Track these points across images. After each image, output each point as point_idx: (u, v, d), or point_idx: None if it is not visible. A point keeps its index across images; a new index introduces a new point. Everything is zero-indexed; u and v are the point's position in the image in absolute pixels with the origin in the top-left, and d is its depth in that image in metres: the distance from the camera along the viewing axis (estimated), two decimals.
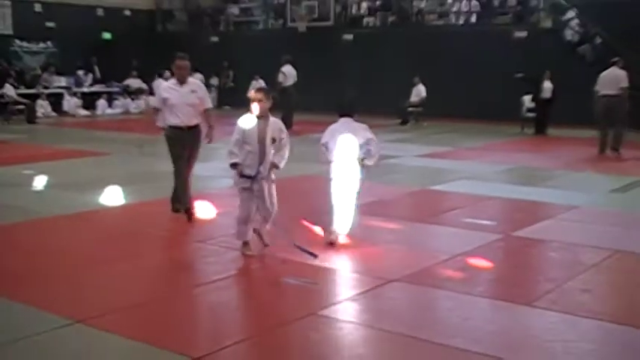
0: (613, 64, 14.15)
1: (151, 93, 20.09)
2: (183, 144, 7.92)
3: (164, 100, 7.87)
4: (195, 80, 8.45)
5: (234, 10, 27.62)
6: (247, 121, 6.39)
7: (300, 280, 5.86)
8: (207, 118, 8.20)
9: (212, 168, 12.01)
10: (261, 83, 19.43)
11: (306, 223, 6.92)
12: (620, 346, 4.70)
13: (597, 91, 13.98)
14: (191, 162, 8.14)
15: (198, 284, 5.87)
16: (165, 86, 8.16)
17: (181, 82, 7.92)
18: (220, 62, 25.42)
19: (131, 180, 10.70)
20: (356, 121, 6.90)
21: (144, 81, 25.22)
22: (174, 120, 7.88)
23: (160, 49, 25.33)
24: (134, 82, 25.36)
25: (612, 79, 13.93)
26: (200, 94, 8.06)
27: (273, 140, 6.39)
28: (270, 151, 6.41)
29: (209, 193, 9.52)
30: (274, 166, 6.45)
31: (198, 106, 8.03)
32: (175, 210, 8.16)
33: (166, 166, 8.21)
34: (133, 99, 24.79)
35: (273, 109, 6.63)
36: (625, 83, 13.82)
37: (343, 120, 6.87)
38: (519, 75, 17.62)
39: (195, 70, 24.62)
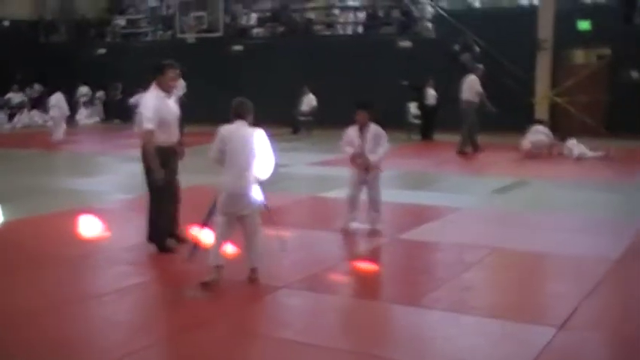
0: (472, 71, 15.13)
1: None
2: (170, 165, 6.89)
3: (162, 119, 6.73)
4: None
5: (121, 21, 27.09)
6: None
7: (189, 291, 5.82)
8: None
9: (104, 182, 11.79)
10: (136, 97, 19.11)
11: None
12: (497, 338, 4.95)
13: None
14: (177, 187, 7.12)
15: (81, 299, 5.73)
16: (158, 101, 6.82)
17: (169, 94, 6.96)
18: (108, 75, 24.83)
19: (5, 196, 10.26)
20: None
21: (26, 95, 24.37)
22: (165, 138, 6.80)
23: (44, 61, 24.58)
24: (15, 97, 24.36)
25: (465, 86, 14.83)
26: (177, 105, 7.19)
27: None
28: None
29: (98, 208, 9.35)
30: None
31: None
32: (168, 249, 6.98)
33: (43, 181, 7.89)
34: (13, 114, 23.77)
35: None
36: (478, 89, 14.73)
37: None
38: (405, 83, 18.16)
39: (83, 83, 24.21)
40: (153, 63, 7.33)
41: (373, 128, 7.81)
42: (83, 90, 24.55)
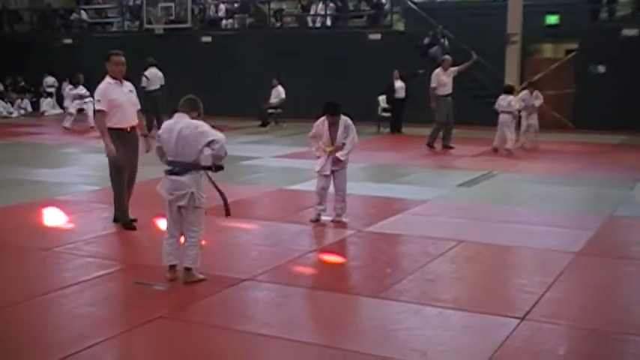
0: (438, 65, 15.03)
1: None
2: (128, 147, 7.45)
3: (110, 101, 7.35)
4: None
5: (88, 11, 26.69)
6: None
7: (152, 284, 5.76)
8: (140, 123, 7.80)
9: (65, 174, 11.64)
10: (81, 88, 19.21)
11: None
12: (460, 329, 4.96)
13: None
14: (133, 172, 7.67)
15: (42, 292, 5.63)
16: (106, 86, 7.49)
17: (120, 80, 7.52)
18: (73, 65, 24.47)
19: None
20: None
21: None
22: (117, 120, 7.38)
23: (8, 51, 24.14)
24: None
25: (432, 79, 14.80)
26: (135, 95, 7.72)
27: None
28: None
29: (60, 200, 9.22)
30: None
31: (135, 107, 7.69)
32: (130, 222, 7.56)
33: (5, 172, 7.82)
34: None
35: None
36: (433, 83, 14.68)
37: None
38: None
39: (49, 73, 23.81)
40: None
41: (343, 119, 7.91)
42: (49, 80, 24.19)
